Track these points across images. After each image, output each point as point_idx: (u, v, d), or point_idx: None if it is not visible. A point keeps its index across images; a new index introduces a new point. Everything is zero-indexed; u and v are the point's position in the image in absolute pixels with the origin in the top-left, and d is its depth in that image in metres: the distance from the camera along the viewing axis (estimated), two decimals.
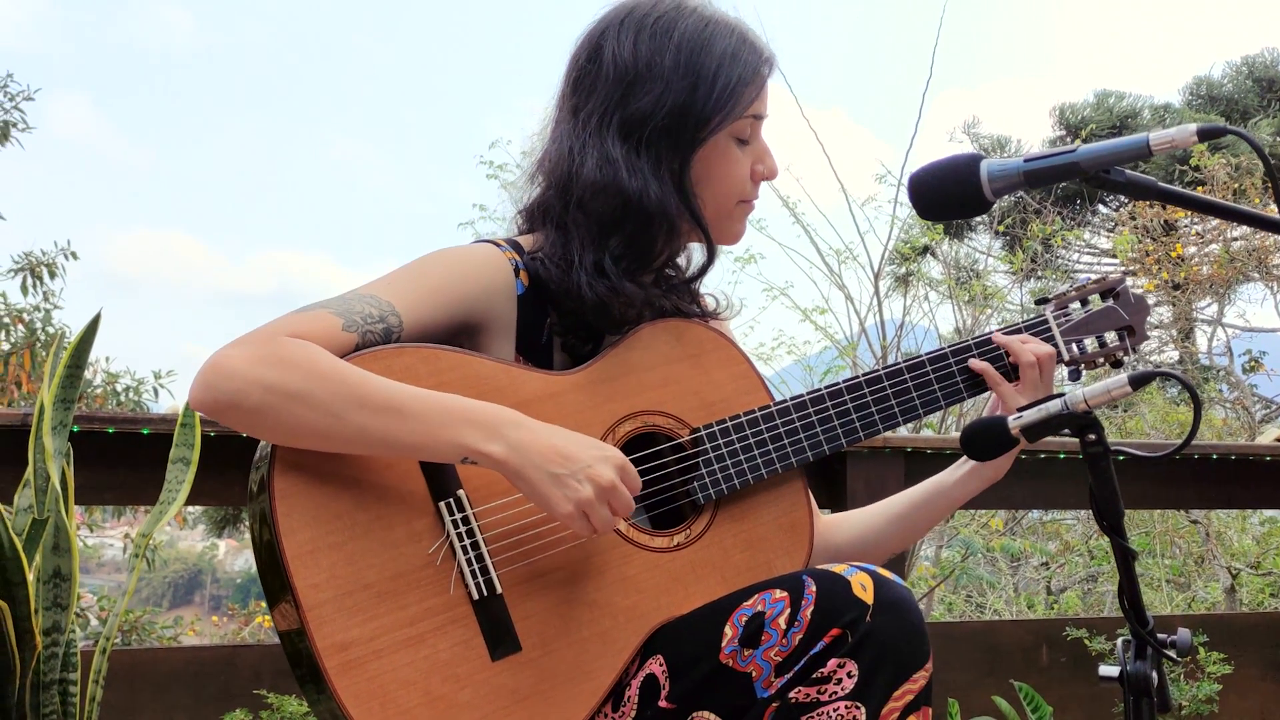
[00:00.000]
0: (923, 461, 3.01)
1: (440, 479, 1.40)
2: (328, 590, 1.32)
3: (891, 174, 7.21)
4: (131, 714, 2.65)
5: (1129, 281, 1.72)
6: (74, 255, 9.52)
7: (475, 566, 1.38)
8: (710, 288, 1.73)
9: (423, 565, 1.36)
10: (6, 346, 9.07)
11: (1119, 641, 1.37)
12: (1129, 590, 1.36)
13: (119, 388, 9.35)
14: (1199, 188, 8.70)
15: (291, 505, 1.33)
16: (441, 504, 1.39)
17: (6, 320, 9.22)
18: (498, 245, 1.54)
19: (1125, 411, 8.37)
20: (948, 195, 1.38)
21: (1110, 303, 1.68)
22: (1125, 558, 1.36)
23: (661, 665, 1.42)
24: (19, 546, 1.91)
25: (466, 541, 1.39)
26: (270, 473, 1.34)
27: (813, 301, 7.16)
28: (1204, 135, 1.26)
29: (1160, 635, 1.36)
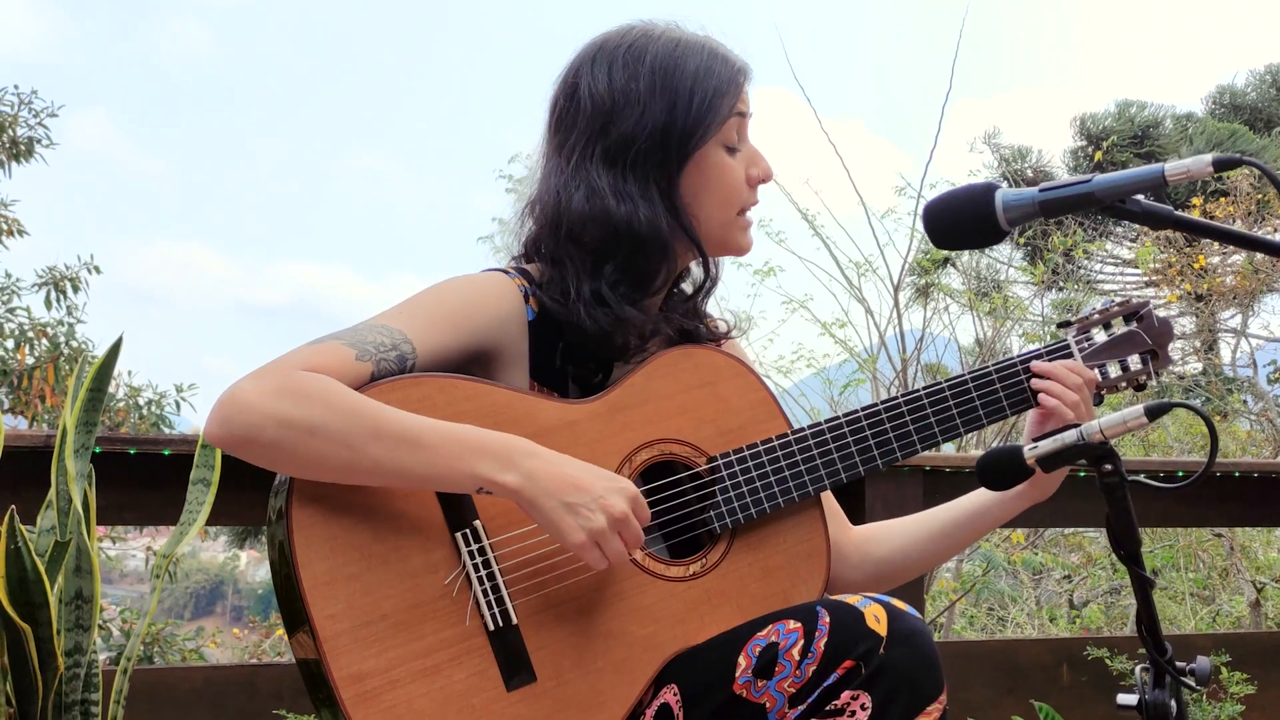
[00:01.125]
0: (942, 480, 3.00)
1: (457, 509, 1.40)
2: (345, 621, 1.33)
3: (911, 186, 7.17)
4: None
5: (1153, 304, 1.71)
6: (97, 269, 9.61)
7: (491, 597, 1.39)
8: (728, 301, 1.73)
9: (439, 596, 1.37)
10: (30, 361, 9.15)
11: (1137, 669, 1.37)
12: (1147, 618, 1.36)
13: (140, 401, 9.42)
14: (1222, 199, 8.65)
15: (309, 536, 1.34)
16: (458, 534, 1.40)
17: (31, 335, 9.31)
18: (506, 273, 1.55)
19: None
20: (963, 225, 1.38)
21: (1134, 326, 1.66)
22: (1143, 587, 1.35)
23: (675, 695, 1.42)
24: (41, 569, 1.93)
25: (483, 572, 1.39)
26: (288, 503, 1.34)
27: (832, 314, 7.14)
28: (1219, 166, 1.27)
29: (1179, 663, 1.35)
